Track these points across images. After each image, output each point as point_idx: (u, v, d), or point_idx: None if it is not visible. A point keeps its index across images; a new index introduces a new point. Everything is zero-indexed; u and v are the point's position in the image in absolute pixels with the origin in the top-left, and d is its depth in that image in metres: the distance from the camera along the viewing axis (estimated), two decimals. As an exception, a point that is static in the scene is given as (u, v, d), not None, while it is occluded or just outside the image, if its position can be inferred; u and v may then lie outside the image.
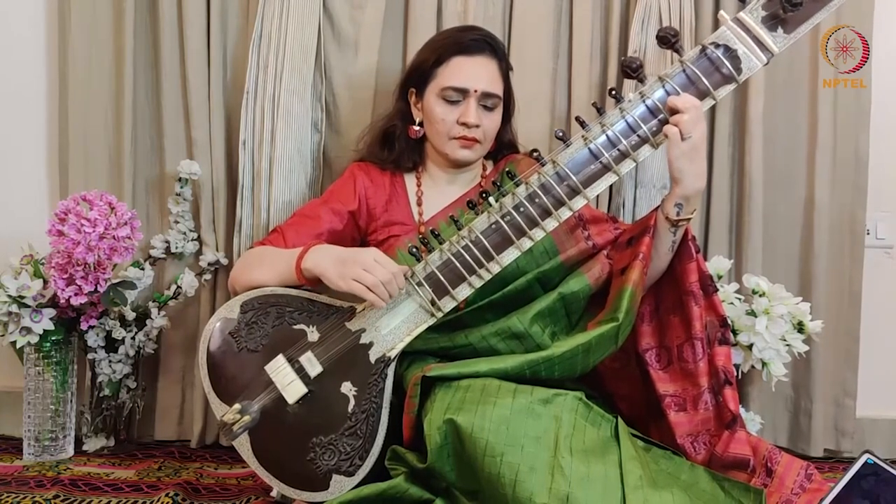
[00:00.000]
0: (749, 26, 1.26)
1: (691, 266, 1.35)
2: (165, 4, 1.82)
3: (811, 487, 1.24)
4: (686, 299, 1.34)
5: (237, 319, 1.36)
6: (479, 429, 1.13)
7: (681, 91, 1.27)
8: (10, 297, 1.67)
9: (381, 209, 1.52)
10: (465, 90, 1.45)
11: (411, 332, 1.32)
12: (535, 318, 1.34)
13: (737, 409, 1.29)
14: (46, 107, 1.94)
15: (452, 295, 1.31)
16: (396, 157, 1.54)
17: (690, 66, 1.27)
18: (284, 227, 1.50)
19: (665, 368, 1.37)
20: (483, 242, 1.30)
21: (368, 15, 1.81)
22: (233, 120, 1.85)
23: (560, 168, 1.29)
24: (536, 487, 1.08)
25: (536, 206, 1.30)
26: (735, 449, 1.26)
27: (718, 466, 1.26)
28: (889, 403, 1.96)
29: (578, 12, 1.82)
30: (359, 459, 1.27)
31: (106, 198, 1.66)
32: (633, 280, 1.29)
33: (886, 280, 1.95)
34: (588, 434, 1.15)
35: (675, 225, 1.32)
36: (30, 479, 1.60)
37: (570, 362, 1.28)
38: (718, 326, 1.33)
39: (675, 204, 1.31)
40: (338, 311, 1.35)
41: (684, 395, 1.33)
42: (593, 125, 1.29)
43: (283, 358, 1.33)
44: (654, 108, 1.27)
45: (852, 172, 1.87)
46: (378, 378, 1.30)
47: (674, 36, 1.26)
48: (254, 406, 1.32)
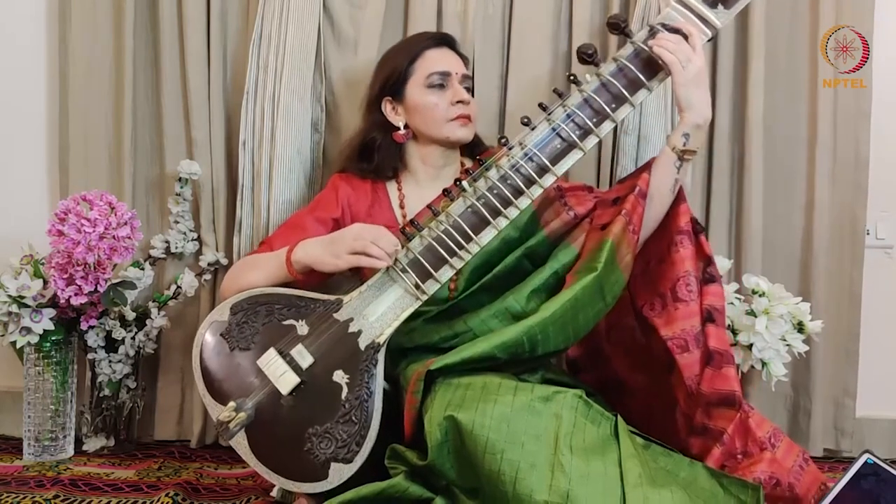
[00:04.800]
0: (692, 5, 1.35)
1: (683, 207, 1.40)
2: (165, 4, 1.83)
3: (809, 469, 1.29)
4: (678, 239, 1.38)
5: (228, 321, 1.38)
6: (480, 426, 1.13)
7: (631, 65, 1.33)
8: (10, 297, 1.67)
9: (364, 215, 1.55)
10: (448, 72, 1.53)
11: (398, 316, 1.34)
12: (530, 296, 1.37)
13: (717, 345, 1.31)
14: (46, 107, 1.94)
15: (435, 277, 1.33)
16: (376, 167, 1.57)
17: (641, 44, 1.34)
18: (272, 238, 1.54)
19: (660, 314, 1.39)
20: (461, 225, 1.34)
21: (368, 15, 1.81)
22: (233, 120, 1.86)
23: (528, 149, 1.34)
24: (536, 485, 1.08)
25: (509, 186, 1.34)
26: (719, 385, 1.29)
27: (704, 404, 1.29)
28: (889, 403, 1.96)
29: (578, 12, 1.82)
30: (356, 445, 1.28)
31: (106, 198, 1.66)
32: (615, 233, 1.32)
33: (886, 280, 1.94)
34: (588, 432, 1.15)
35: (680, 158, 1.36)
36: (30, 479, 1.60)
37: (563, 324, 1.29)
38: (705, 267, 1.38)
39: (682, 134, 1.35)
40: (325, 304, 1.37)
41: (683, 335, 1.34)
42: (555, 107, 1.35)
43: (275, 351, 1.34)
44: (608, 83, 1.33)
45: (852, 172, 1.87)
46: (369, 364, 1.31)
47: (623, 21, 1.35)
48: (248, 403, 1.33)
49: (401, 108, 1.55)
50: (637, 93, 1.34)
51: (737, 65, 1.84)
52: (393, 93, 1.55)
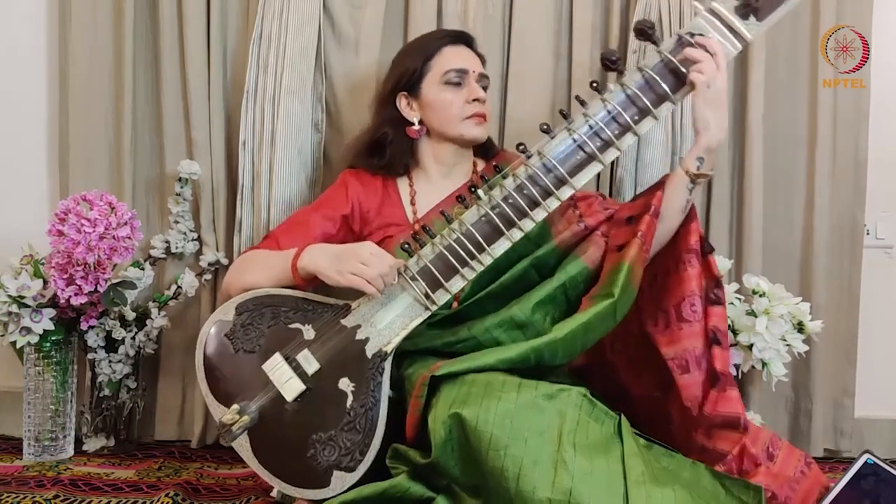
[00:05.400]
0: (722, 15, 1.28)
1: (693, 226, 1.38)
2: (165, 4, 1.83)
3: (811, 474, 1.28)
4: (687, 257, 1.36)
5: (232, 321, 1.37)
6: (484, 422, 1.13)
7: (658, 78, 1.28)
8: (10, 297, 1.67)
9: (374, 212, 1.53)
10: (465, 70, 1.52)
11: (406, 325, 1.33)
12: (536, 307, 1.35)
13: (723, 368, 1.30)
14: (46, 106, 1.94)
15: (446, 287, 1.32)
16: (388, 163, 1.55)
17: (668, 55, 1.29)
18: (278, 232, 1.52)
19: (663, 332, 1.38)
20: (474, 234, 1.31)
21: (368, 15, 1.81)
22: (233, 120, 1.86)
23: (546, 159, 1.31)
24: (539, 481, 1.08)
25: (525, 197, 1.31)
26: (724, 408, 1.28)
27: (707, 426, 1.28)
28: (888, 403, 1.96)
29: (578, 12, 1.82)
30: (359, 454, 1.28)
31: (106, 198, 1.66)
32: (631, 256, 1.30)
33: (886, 280, 1.95)
34: (591, 430, 1.15)
35: (693, 181, 1.34)
36: (30, 479, 1.59)
37: (572, 343, 1.28)
38: (713, 287, 1.36)
39: (697, 157, 1.33)
40: (332, 309, 1.36)
41: (685, 356, 1.33)
42: (577, 116, 1.31)
43: (280, 356, 1.33)
44: (633, 95, 1.29)
45: (852, 172, 1.87)
46: (375, 372, 1.31)
47: (650, 28, 1.29)
48: (252, 406, 1.32)
49: (416, 103, 1.54)
50: (661, 106, 1.29)
51: (737, 64, 1.84)
52: (409, 88, 1.54)
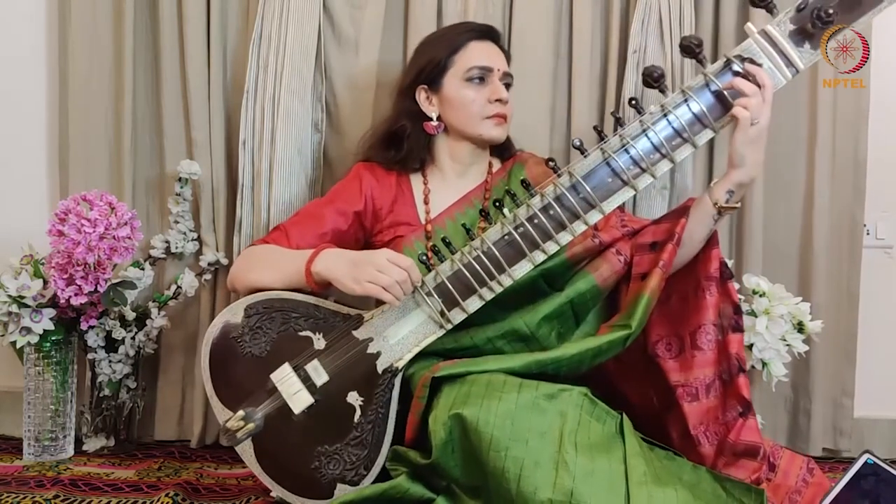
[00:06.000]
0: (776, 40, 1.22)
1: (714, 252, 1.35)
2: (165, 4, 1.83)
3: (814, 481, 1.27)
4: (706, 284, 1.33)
5: (241, 323, 1.35)
6: (485, 423, 1.13)
7: (702, 105, 1.23)
8: (10, 297, 1.66)
9: (386, 210, 1.51)
10: (490, 68, 1.48)
11: (419, 342, 1.31)
12: (542, 322, 1.34)
13: (749, 395, 1.28)
14: (46, 106, 1.94)
15: (463, 307, 1.29)
16: (404, 157, 1.52)
17: (714, 79, 1.23)
18: (288, 225, 1.48)
19: (676, 357, 1.36)
20: (495, 254, 1.27)
21: (368, 15, 1.81)
22: (233, 120, 1.85)
23: (576, 180, 1.26)
24: (541, 482, 1.08)
25: (551, 219, 1.26)
26: (747, 436, 1.26)
27: (730, 454, 1.26)
28: (888, 403, 1.96)
29: (578, 12, 1.82)
30: (364, 469, 1.27)
31: (106, 198, 1.65)
32: (651, 288, 1.28)
33: (886, 280, 1.95)
34: (593, 430, 1.15)
35: (720, 213, 1.31)
36: (30, 479, 1.59)
37: (578, 363, 1.28)
38: (732, 314, 1.33)
39: (727, 190, 1.30)
40: (344, 319, 1.34)
41: (696, 384, 1.32)
42: (612, 138, 1.25)
43: (290, 367, 1.32)
44: (672, 120, 1.23)
45: (852, 172, 1.87)
46: (385, 388, 1.29)
47: (697, 45, 1.22)
48: (258, 413, 1.31)
49: (436, 98, 1.50)
50: (701, 133, 1.24)
51: (737, 65, 1.84)
52: (429, 82, 1.50)
